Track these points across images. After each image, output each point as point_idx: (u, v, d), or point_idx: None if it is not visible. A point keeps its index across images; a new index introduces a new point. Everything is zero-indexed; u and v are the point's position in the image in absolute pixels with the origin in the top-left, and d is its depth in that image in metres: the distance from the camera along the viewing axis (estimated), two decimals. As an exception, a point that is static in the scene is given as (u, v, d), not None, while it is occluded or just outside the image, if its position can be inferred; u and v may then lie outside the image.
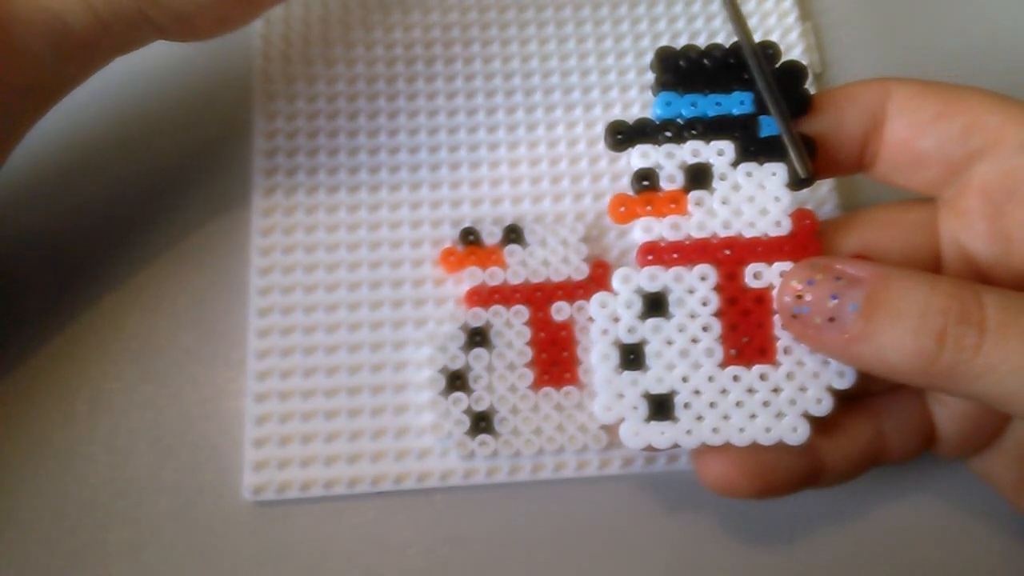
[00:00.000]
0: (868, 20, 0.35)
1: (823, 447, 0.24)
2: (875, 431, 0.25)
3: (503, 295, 0.28)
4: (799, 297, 0.22)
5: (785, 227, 0.24)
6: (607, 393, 0.24)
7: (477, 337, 0.28)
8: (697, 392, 0.24)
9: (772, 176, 0.24)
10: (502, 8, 0.33)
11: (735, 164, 0.24)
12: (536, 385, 0.28)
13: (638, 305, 0.24)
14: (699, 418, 0.23)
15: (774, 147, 0.24)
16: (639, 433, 0.23)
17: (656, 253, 0.24)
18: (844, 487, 0.27)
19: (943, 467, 0.28)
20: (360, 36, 0.33)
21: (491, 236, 0.29)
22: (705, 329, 0.24)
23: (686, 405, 0.23)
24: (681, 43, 0.28)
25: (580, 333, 0.28)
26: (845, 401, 0.24)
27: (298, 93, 0.32)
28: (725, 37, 0.33)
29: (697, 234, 0.24)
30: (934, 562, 0.27)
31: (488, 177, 0.31)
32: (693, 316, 0.24)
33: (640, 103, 0.32)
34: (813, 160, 0.24)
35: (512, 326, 0.28)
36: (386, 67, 0.32)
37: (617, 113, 0.32)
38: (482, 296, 0.28)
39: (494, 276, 0.29)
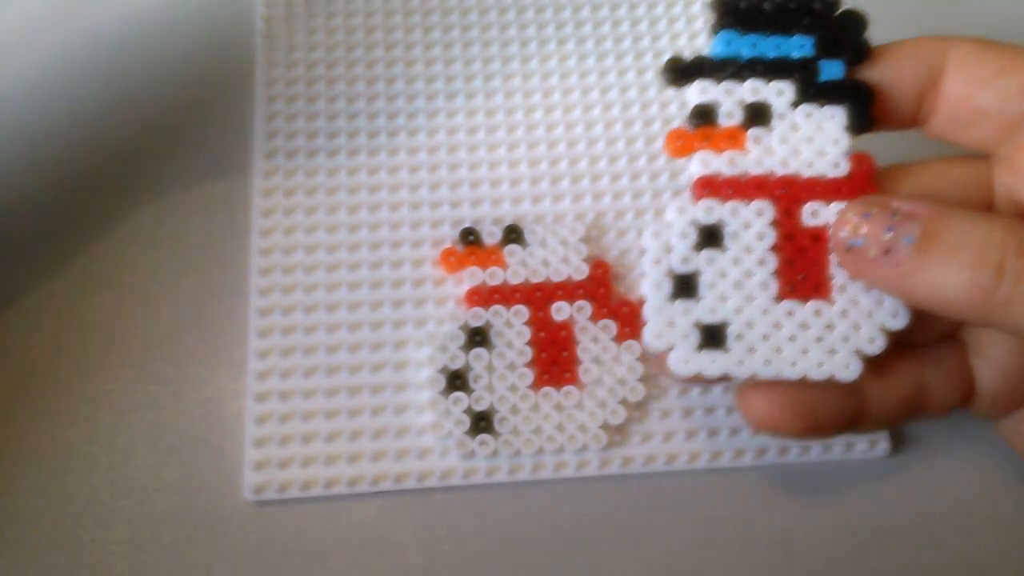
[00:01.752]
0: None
1: (868, 389, 0.24)
2: (918, 379, 0.25)
3: (503, 295, 0.28)
4: (854, 230, 0.23)
5: (843, 169, 0.24)
6: (658, 321, 0.24)
7: (477, 337, 0.28)
8: (750, 324, 0.24)
9: (831, 119, 0.24)
10: (502, 9, 0.33)
11: (794, 105, 0.25)
12: (536, 385, 0.28)
13: (693, 236, 0.24)
14: (751, 350, 0.23)
15: (834, 91, 0.24)
16: (689, 361, 0.23)
17: (713, 187, 0.24)
18: (841, 488, 0.27)
19: (941, 469, 0.28)
20: (360, 37, 0.33)
21: (491, 236, 0.29)
22: (760, 263, 0.24)
23: (738, 336, 0.24)
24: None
25: (580, 333, 0.28)
26: (891, 348, 0.24)
27: (298, 94, 0.32)
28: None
29: (755, 170, 0.24)
30: (933, 562, 0.27)
31: (488, 177, 0.31)
32: (748, 250, 0.24)
33: (640, 103, 0.32)
34: (871, 108, 0.24)
35: (512, 326, 0.28)
36: (386, 67, 0.32)
37: (617, 113, 0.32)
38: (482, 296, 0.28)
39: (494, 276, 0.29)
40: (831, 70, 0.25)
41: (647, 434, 0.28)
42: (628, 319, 0.28)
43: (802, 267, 0.24)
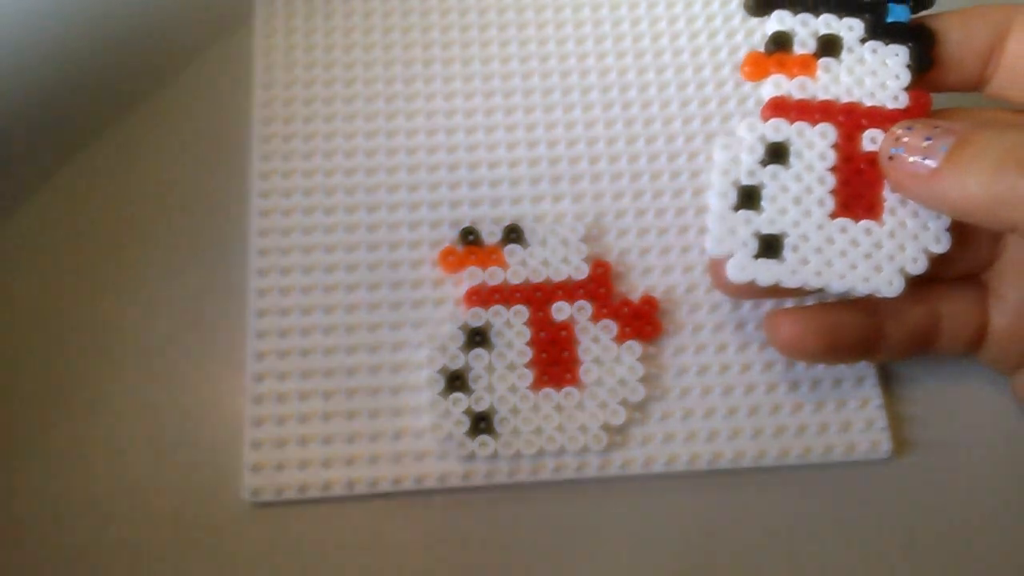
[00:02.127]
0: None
1: (885, 318, 0.26)
2: (933, 313, 0.27)
3: (503, 295, 0.28)
4: (897, 140, 0.25)
5: (902, 102, 0.26)
6: (720, 227, 0.26)
7: (477, 337, 0.28)
8: (805, 237, 0.26)
9: (895, 56, 0.26)
10: (501, 9, 0.33)
11: (863, 41, 0.27)
12: (536, 385, 0.27)
13: (760, 151, 0.26)
14: (804, 261, 0.25)
15: (899, 31, 0.27)
16: (745, 268, 0.25)
17: (783, 108, 0.26)
18: (839, 488, 0.27)
19: (942, 472, 0.28)
20: (359, 38, 0.33)
21: (491, 236, 0.29)
22: (820, 181, 0.26)
23: (794, 248, 0.26)
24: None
25: (580, 333, 0.28)
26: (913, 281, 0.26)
27: (295, 96, 0.32)
28: None
29: (822, 96, 0.26)
30: (933, 565, 0.27)
31: (488, 177, 0.31)
32: (810, 168, 0.26)
33: (639, 103, 0.32)
34: (932, 50, 0.26)
35: (512, 326, 0.28)
36: (384, 68, 0.32)
37: (616, 113, 0.32)
38: (482, 296, 0.28)
39: (494, 276, 0.28)
40: (898, 13, 0.27)
41: (647, 435, 0.28)
42: (629, 319, 0.28)
43: (857, 188, 0.26)
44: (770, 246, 0.26)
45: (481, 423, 0.27)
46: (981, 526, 0.27)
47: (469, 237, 0.29)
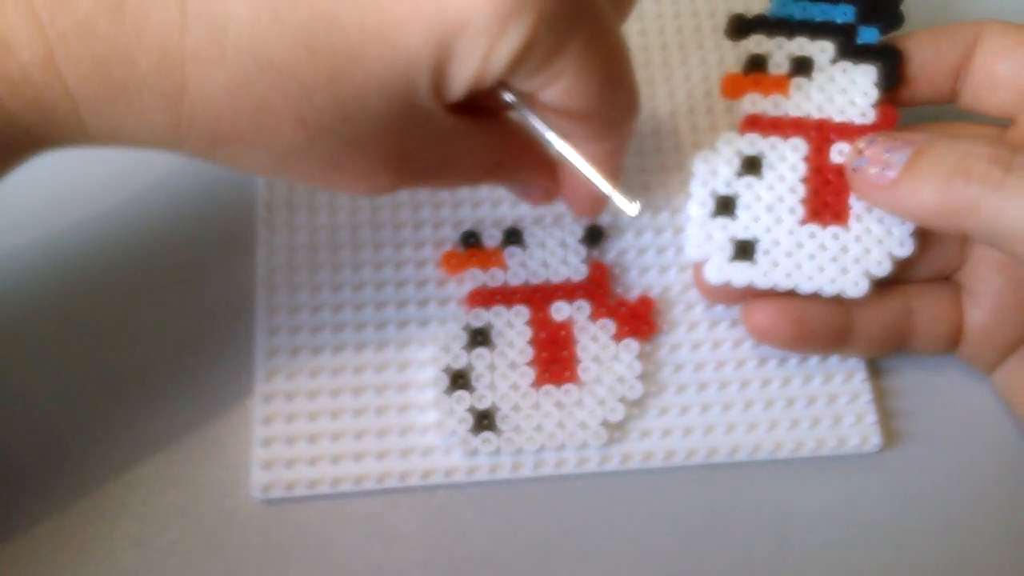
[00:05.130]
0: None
1: (856, 313, 0.28)
2: (905, 310, 0.28)
3: (504, 296, 0.29)
4: (860, 152, 0.26)
5: (869, 117, 0.28)
6: (699, 233, 0.28)
7: (479, 337, 0.28)
8: (777, 242, 0.28)
9: (864, 75, 0.28)
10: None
11: (834, 61, 0.29)
12: (537, 383, 0.28)
13: (736, 164, 0.28)
14: (775, 264, 0.27)
15: (868, 52, 0.28)
16: (722, 270, 0.28)
17: (758, 124, 0.29)
18: (834, 488, 0.28)
19: (932, 466, 0.29)
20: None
21: (491, 239, 0.30)
22: (791, 191, 0.28)
23: (766, 252, 0.27)
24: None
25: (579, 332, 0.29)
26: (886, 281, 0.27)
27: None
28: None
29: (794, 112, 0.28)
30: (924, 558, 0.28)
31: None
32: (782, 179, 0.28)
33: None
34: (899, 68, 0.28)
35: (513, 326, 0.29)
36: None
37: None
38: (483, 297, 0.29)
39: (495, 278, 0.29)
40: (867, 35, 0.29)
41: (645, 431, 0.28)
42: (626, 318, 0.29)
43: (826, 196, 0.28)
44: (744, 250, 0.28)
45: (484, 420, 0.28)
46: (970, 517, 0.28)
47: (470, 240, 0.30)
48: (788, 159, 0.28)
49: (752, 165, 0.28)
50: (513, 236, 0.30)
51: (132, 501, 0.27)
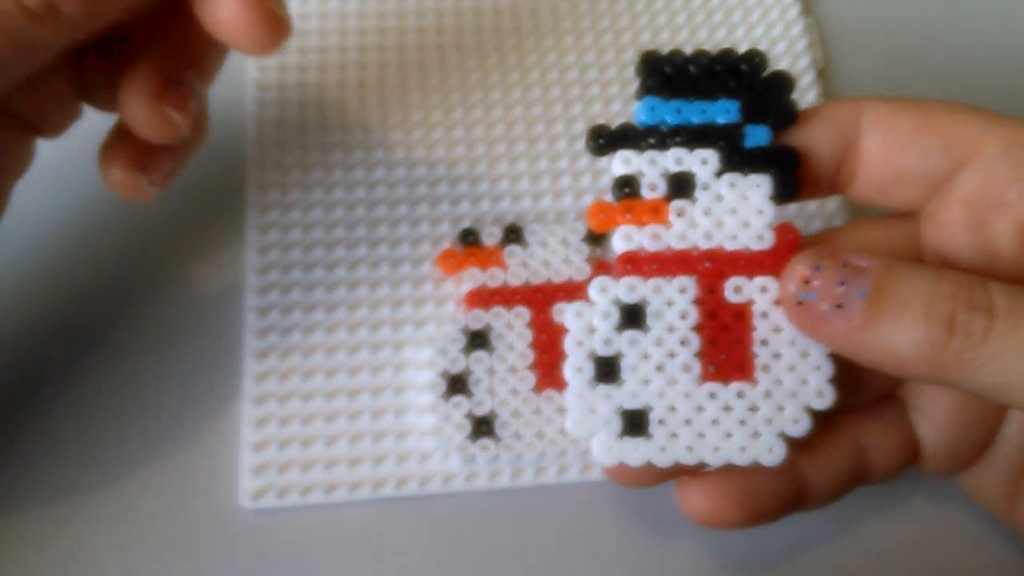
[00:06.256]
0: (872, 14, 0.34)
1: (805, 468, 0.24)
2: (856, 448, 0.25)
3: (503, 297, 0.28)
4: (806, 283, 0.22)
5: (767, 241, 0.23)
6: (580, 407, 0.23)
7: (477, 340, 0.28)
8: (672, 409, 0.23)
9: (756, 188, 0.23)
10: (498, 9, 0.33)
11: (719, 174, 0.23)
12: (538, 388, 0.27)
13: (615, 316, 0.23)
14: (673, 435, 0.23)
15: (759, 158, 0.23)
16: (611, 449, 0.23)
17: (636, 263, 0.23)
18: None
19: (929, 486, 0.28)
20: (354, 27, 0.32)
21: (491, 237, 0.29)
22: (683, 343, 0.23)
23: (661, 422, 0.23)
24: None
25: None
26: (824, 418, 0.23)
27: (289, 86, 0.31)
28: (711, 45, 0.32)
29: (678, 245, 0.23)
30: None
31: (487, 174, 0.30)
32: (671, 329, 0.23)
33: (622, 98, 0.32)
34: (797, 174, 0.23)
35: (513, 328, 0.28)
36: (379, 70, 0.32)
37: (617, 109, 0.32)
38: (482, 298, 0.28)
39: (494, 277, 0.28)
40: (757, 135, 0.23)
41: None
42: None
43: (725, 346, 0.23)
44: (635, 422, 0.23)
45: (482, 426, 0.27)
46: (967, 539, 0.28)
47: (468, 238, 0.29)
48: (676, 304, 0.23)
49: (634, 315, 0.23)
50: (513, 234, 0.29)
51: (117, 507, 0.26)
